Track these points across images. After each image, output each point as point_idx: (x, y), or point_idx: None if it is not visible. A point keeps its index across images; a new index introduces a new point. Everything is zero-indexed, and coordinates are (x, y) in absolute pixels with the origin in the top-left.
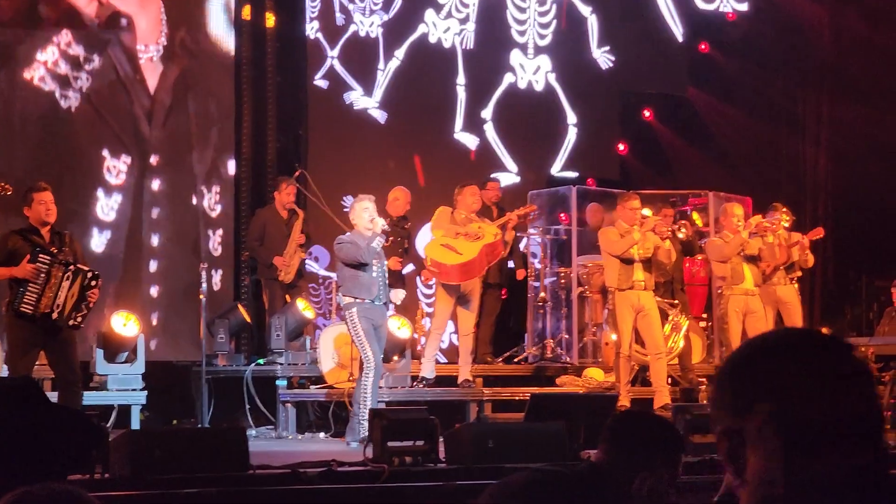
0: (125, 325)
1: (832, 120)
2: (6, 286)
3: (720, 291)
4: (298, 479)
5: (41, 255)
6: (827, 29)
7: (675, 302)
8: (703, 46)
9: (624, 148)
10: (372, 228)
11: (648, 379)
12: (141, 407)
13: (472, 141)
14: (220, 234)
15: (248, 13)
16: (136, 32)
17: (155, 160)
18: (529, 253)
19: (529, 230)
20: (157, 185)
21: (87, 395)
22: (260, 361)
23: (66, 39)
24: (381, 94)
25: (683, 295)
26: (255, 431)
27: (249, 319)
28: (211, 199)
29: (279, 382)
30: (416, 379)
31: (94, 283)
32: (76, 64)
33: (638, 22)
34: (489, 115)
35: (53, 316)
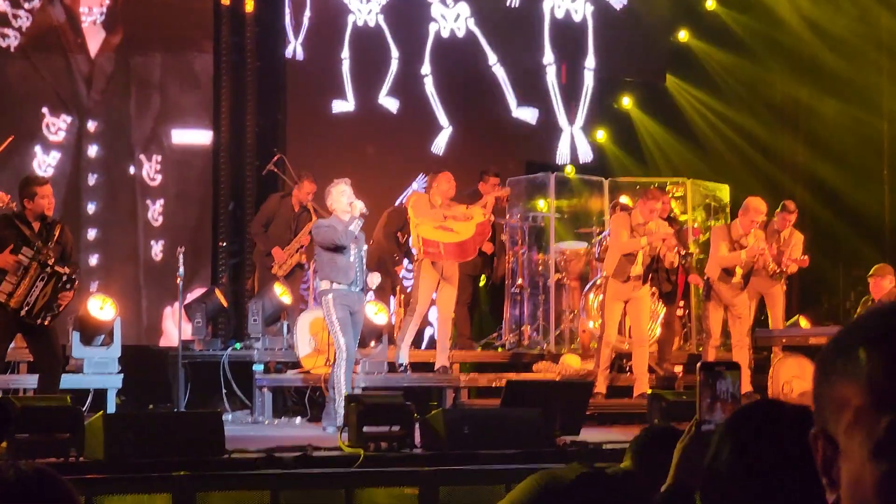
0: (102, 308)
1: (810, 108)
2: None
3: (707, 279)
4: (274, 463)
5: (24, 248)
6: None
7: (652, 290)
8: (682, 34)
9: (602, 135)
10: (350, 212)
11: (625, 367)
12: (117, 391)
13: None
14: (160, 203)
15: None
16: None
17: (93, 126)
18: (508, 240)
19: (507, 216)
20: (94, 151)
21: (63, 378)
22: (237, 346)
23: None
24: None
25: (671, 285)
26: (231, 416)
27: (226, 304)
28: (151, 168)
29: (256, 367)
30: (392, 365)
31: (68, 286)
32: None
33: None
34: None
35: (22, 313)
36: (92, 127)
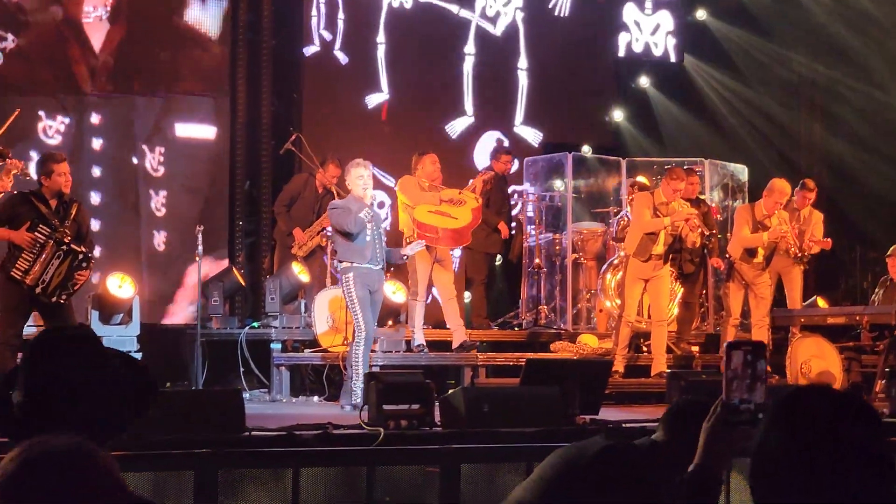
0: (120, 286)
1: (828, 88)
2: (5, 246)
3: (729, 257)
4: (294, 441)
5: (41, 226)
6: None
7: (672, 270)
8: (699, 14)
9: (619, 115)
10: (363, 197)
11: (643, 346)
12: None
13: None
14: (163, 194)
15: None
16: None
17: (97, 119)
18: (525, 219)
19: (526, 195)
20: (98, 144)
21: None
22: (255, 324)
23: None
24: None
25: (693, 265)
26: (248, 394)
27: (244, 282)
28: (154, 159)
29: (273, 346)
30: (409, 343)
31: (84, 264)
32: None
33: None
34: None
35: (37, 290)
36: (96, 120)
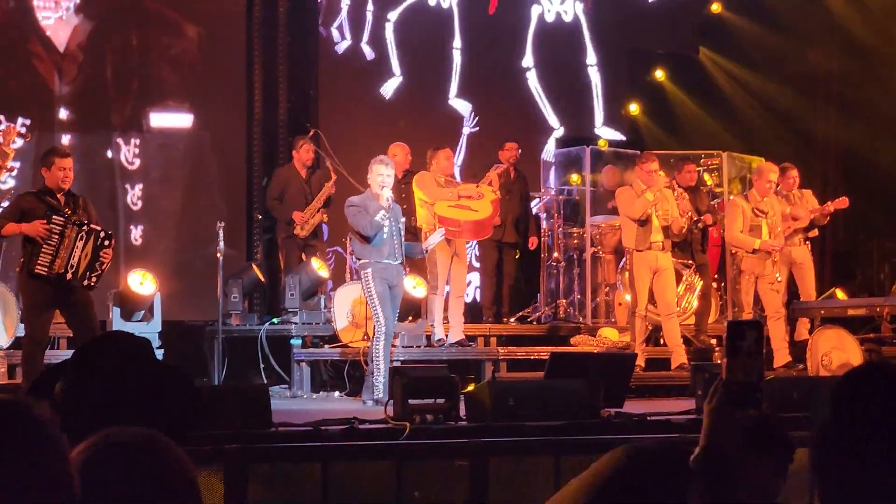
0: (142, 283)
1: (843, 79)
2: (20, 248)
3: (734, 252)
4: (321, 436)
5: (55, 216)
6: None
7: (689, 262)
8: (714, 6)
9: (635, 108)
10: (379, 196)
11: (660, 339)
12: None
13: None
14: (139, 188)
15: None
16: None
17: (66, 115)
18: (543, 213)
19: (544, 190)
20: (67, 140)
21: None
22: (275, 321)
23: None
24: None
25: (704, 256)
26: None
27: (263, 279)
28: (129, 152)
29: (293, 342)
30: (430, 338)
31: (106, 242)
32: None
33: None
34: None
35: (68, 276)
36: (64, 115)
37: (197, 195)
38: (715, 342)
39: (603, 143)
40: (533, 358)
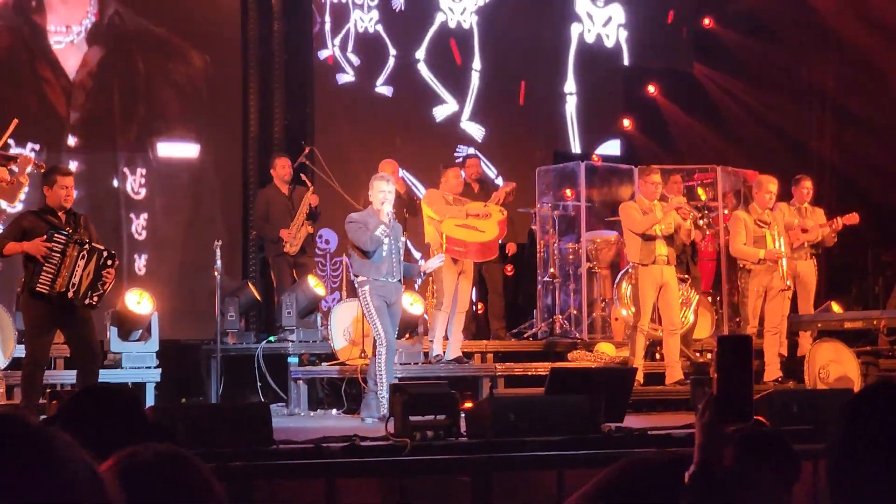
0: (139, 303)
1: (837, 93)
2: (22, 267)
3: (742, 266)
4: (322, 453)
5: (56, 234)
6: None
7: (685, 276)
8: (707, 21)
9: (629, 124)
10: (380, 211)
11: (657, 354)
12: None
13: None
14: (144, 217)
15: None
16: (46, 15)
17: (74, 141)
18: (539, 228)
19: (538, 205)
20: (74, 166)
21: (101, 373)
22: (271, 339)
23: None
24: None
25: (696, 269)
26: None
27: (259, 297)
28: (136, 182)
29: (290, 360)
30: (428, 355)
31: (109, 262)
32: None
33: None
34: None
35: (69, 295)
36: (73, 142)
37: (198, 220)
38: (710, 356)
39: (597, 158)
40: (530, 374)
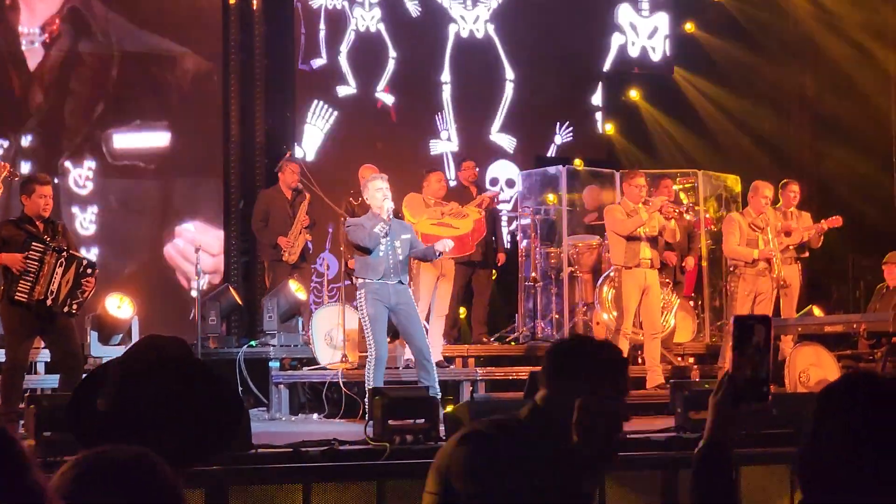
0: (119, 307)
1: (816, 98)
2: (1, 274)
3: (733, 269)
4: (301, 457)
5: (34, 244)
6: (809, 6)
7: (666, 280)
8: (688, 26)
9: (611, 128)
10: (381, 210)
11: (639, 358)
12: None
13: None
14: (92, 210)
15: None
16: (20, 14)
17: (27, 141)
18: (520, 232)
19: (520, 210)
20: (27, 168)
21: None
22: (252, 343)
23: None
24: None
25: (682, 276)
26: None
27: (241, 301)
28: (82, 174)
29: (272, 364)
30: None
31: (89, 271)
32: None
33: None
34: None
35: (48, 303)
36: (26, 142)
37: (168, 220)
38: (692, 360)
39: (578, 162)
40: (512, 378)
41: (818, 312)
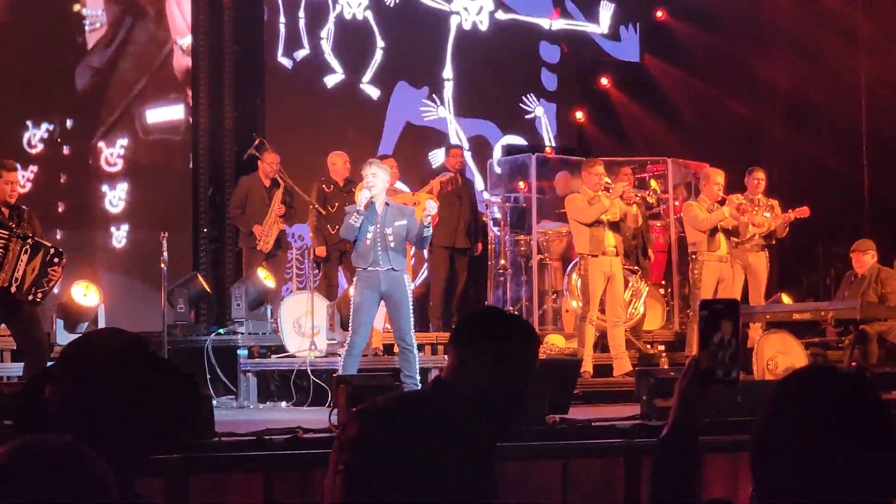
0: (85, 295)
1: (788, 87)
2: None
3: (694, 256)
4: (264, 445)
5: None
6: None
7: (635, 268)
8: (659, 14)
9: (581, 116)
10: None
11: (609, 346)
12: None
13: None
14: (122, 187)
15: None
16: None
17: (70, 123)
18: (490, 220)
19: (490, 198)
20: (67, 149)
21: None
22: (221, 331)
23: None
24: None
25: (646, 261)
26: (216, 401)
27: (209, 289)
28: (114, 152)
29: (240, 352)
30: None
31: (56, 259)
32: None
33: None
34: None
35: (12, 290)
36: (69, 124)
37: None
38: (662, 348)
39: (549, 150)
40: None
41: (787, 300)
